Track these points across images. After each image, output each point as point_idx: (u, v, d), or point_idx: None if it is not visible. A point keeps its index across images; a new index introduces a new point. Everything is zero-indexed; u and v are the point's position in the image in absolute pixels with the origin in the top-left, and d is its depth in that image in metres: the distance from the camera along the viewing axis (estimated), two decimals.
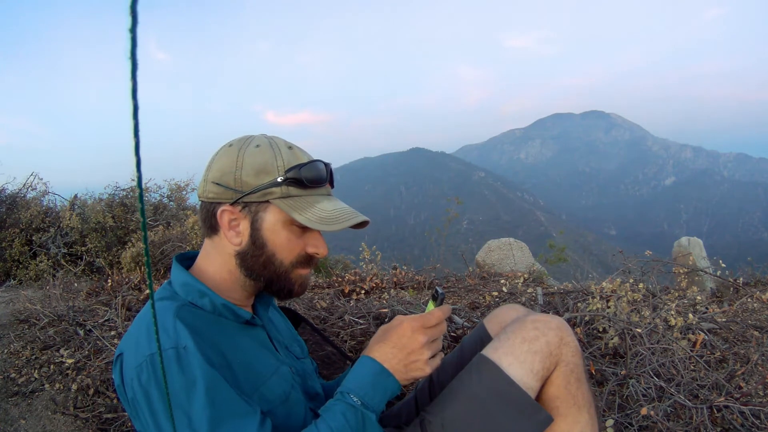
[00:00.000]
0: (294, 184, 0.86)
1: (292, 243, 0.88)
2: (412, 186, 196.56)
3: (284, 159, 0.87)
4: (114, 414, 1.72)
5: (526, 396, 0.88)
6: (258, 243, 0.87)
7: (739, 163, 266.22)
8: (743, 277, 2.89)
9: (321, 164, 0.90)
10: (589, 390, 0.98)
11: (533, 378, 0.90)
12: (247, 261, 0.88)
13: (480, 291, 2.74)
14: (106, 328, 2.34)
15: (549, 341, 0.92)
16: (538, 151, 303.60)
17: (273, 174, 0.85)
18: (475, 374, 0.92)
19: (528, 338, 0.92)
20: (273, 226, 0.86)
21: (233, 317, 0.88)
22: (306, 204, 0.86)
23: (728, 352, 1.85)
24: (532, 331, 0.93)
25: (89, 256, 4.18)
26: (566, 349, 0.94)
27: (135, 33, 0.29)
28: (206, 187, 0.88)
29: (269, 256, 0.88)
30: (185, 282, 0.87)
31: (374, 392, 0.83)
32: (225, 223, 0.86)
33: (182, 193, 5.14)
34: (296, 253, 0.89)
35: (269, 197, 0.85)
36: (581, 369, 0.96)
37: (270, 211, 0.86)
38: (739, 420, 1.45)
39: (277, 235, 0.87)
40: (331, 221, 0.85)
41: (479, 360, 0.94)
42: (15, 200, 4.70)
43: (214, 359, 0.76)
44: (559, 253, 5.37)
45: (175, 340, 0.74)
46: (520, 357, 0.90)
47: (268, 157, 0.86)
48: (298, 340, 1.10)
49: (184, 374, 0.71)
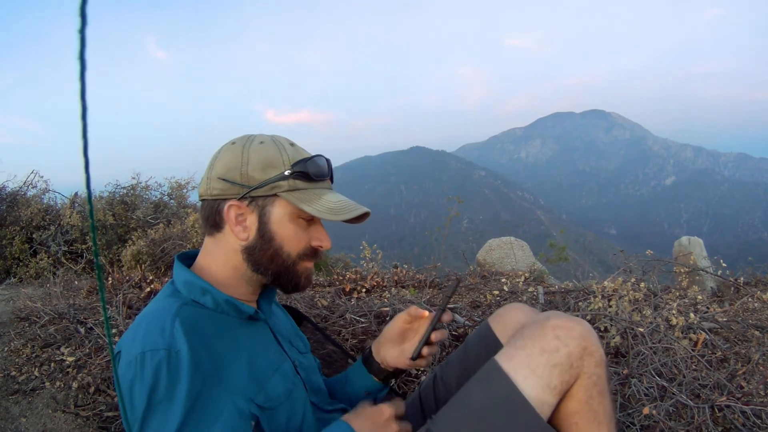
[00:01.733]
0: (300, 178, 0.88)
1: (299, 236, 0.90)
2: (413, 185, 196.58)
3: (289, 154, 0.89)
4: (115, 412, 1.72)
5: (539, 419, 0.82)
6: (266, 237, 0.88)
7: (740, 162, 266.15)
8: (744, 276, 2.89)
9: (323, 159, 0.93)
10: (611, 403, 0.91)
11: (550, 393, 0.84)
12: (255, 255, 0.89)
13: (481, 290, 2.74)
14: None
15: (571, 352, 0.85)
16: (539, 151, 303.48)
17: (280, 168, 0.87)
18: (485, 385, 0.87)
19: (548, 349, 0.85)
20: (280, 219, 0.88)
21: (236, 313, 0.88)
22: (313, 196, 0.89)
23: (729, 351, 1.85)
24: (553, 340, 0.85)
25: (90, 254, 4.18)
26: (590, 359, 0.86)
27: (84, 34, 0.30)
28: (210, 184, 0.88)
29: (277, 249, 0.89)
30: (187, 280, 0.87)
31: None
32: (232, 218, 0.87)
33: (183, 191, 5.13)
34: (303, 246, 0.91)
35: (277, 190, 0.87)
36: (604, 381, 0.89)
37: (277, 204, 0.88)
38: (740, 420, 1.45)
39: (284, 229, 0.89)
40: (339, 212, 0.88)
41: (491, 368, 0.88)
42: (15, 198, 4.69)
43: (208, 365, 0.76)
44: (559, 253, 5.37)
45: (170, 342, 0.74)
46: (537, 370, 0.84)
47: (273, 152, 0.88)
48: (300, 336, 1.10)
49: (170, 378, 0.72)
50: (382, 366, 1.09)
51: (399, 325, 1.07)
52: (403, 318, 1.06)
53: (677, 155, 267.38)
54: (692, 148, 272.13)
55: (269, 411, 0.83)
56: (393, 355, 1.07)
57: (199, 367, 0.75)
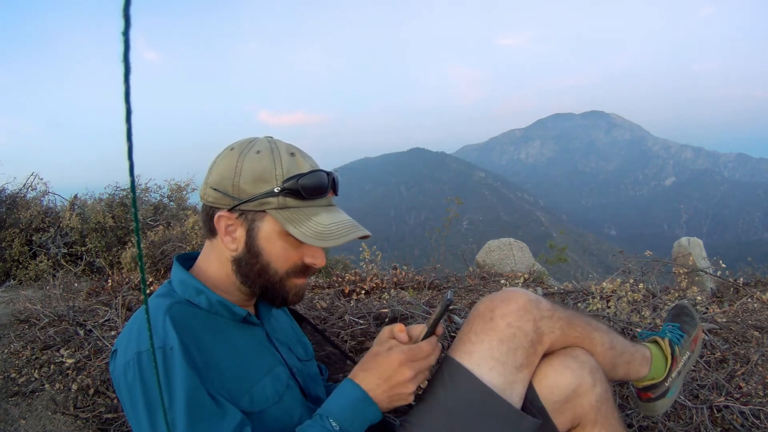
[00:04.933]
0: (291, 195, 0.84)
1: (288, 253, 0.87)
2: (413, 186, 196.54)
3: (284, 168, 0.85)
4: (114, 414, 1.72)
5: (510, 407, 0.84)
6: (253, 251, 0.86)
7: (740, 163, 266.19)
8: (743, 277, 2.89)
9: (322, 174, 0.87)
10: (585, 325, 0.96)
11: (518, 372, 0.87)
12: (242, 268, 0.88)
13: (480, 291, 2.74)
14: (106, 328, 2.34)
15: (526, 331, 0.88)
16: (539, 152, 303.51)
17: (271, 183, 0.84)
18: (450, 385, 0.86)
19: (505, 338, 0.87)
20: (268, 235, 0.85)
21: (229, 315, 0.88)
22: (303, 216, 0.85)
23: (728, 352, 1.85)
24: (506, 329, 0.87)
25: (89, 256, 4.18)
26: (545, 322, 0.90)
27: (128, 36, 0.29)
28: (206, 190, 0.88)
29: (264, 265, 0.87)
30: (182, 280, 0.88)
31: (354, 419, 0.80)
32: (222, 228, 0.86)
33: (182, 193, 5.13)
34: (292, 263, 0.88)
35: (266, 207, 0.84)
36: (563, 314, 0.93)
37: (266, 220, 0.85)
38: (739, 420, 1.45)
39: (272, 245, 0.86)
40: (327, 236, 0.83)
41: (452, 369, 0.88)
42: (15, 200, 4.69)
43: (198, 361, 0.77)
44: (559, 253, 5.36)
45: (163, 340, 0.76)
46: (501, 358, 0.86)
47: (267, 164, 0.84)
48: (303, 342, 1.08)
49: (167, 375, 0.73)
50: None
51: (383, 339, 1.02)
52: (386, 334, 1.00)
53: (677, 156, 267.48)
54: (692, 148, 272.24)
55: (256, 414, 0.82)
56: None
57: (192, 361, 0.76)
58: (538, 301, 0.91)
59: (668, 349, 1.13)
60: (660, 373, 1.11)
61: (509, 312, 0.88)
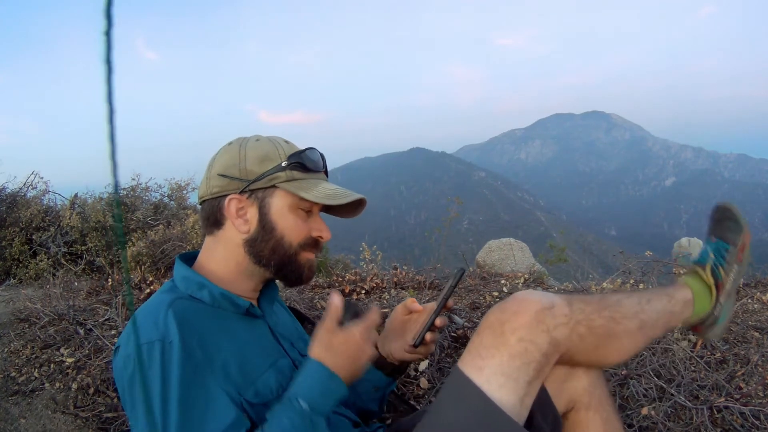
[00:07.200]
0: (297, 168, 0.91)
1: (299, 226, 0.92)
2: (413, 186, 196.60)
3: (284, 148, 0.93)
4: (114, 413, 1.72)
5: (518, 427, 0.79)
6: (267, 227, 0.90)
7: (740, 163, 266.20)
8: (743, 277, 2.89)
9: (317, 152, 0.96)
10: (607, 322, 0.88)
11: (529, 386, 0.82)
12: (257, 247, 0.91)
13: (480, 291, 2.74)
14: (106, 327, 2.34)
15: (539, 345, 0.82)
16: (539, 152, 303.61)
17: (276, 160, 0.90)
18: (458, 402, 0.82)
19: (516, 353, 0.81)
20: (280, 210, 0.90)
21: (233, 307, 0.89)
22: (311, 184, 0.92)
23: (728, 352, 1.85)
24: (517, 344, 0.82)
25: (89, 255, 4.18)
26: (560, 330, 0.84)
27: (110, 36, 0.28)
28: (210, 183, 0.91)
29: (278, 239, 0.91)
30: (185, 276, 0.90)
31: (323, 397, 0.80)
32: (233, 212, 0.89)
33: (182, 193, 5.13)
34: (303, 236, 0.93)
35: (275, 182, 0.90)
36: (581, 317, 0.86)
37: (276, 195, 0.90)
38: (739, 421, 1.45)
39: (284, 219, 0.91)
40: (337, 197, 0.90)
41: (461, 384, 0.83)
42: (15, 199, 4.69)
43: (199, 356, 0.77)
44: (559, 254, 5.37)
45: (164, 333, 0.77)
46: (513, 374, 0.81)
47: (269, 147, 0.92)
48: (304, 339, 1.09)
49: (165, 368, 0.74)
50: (388, 360, 1.09)
51: (398, 317, 1.09)
52: (401, 310, 1.09)
53: (677, 156, 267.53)
54: (692, 148, 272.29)
55: (259, 407, 0.83)
56: (397, 347, 1.07)
57: (191, 356, 0.76)
58: (553, 306, 0.85)
59: (711, 279, 1.04)
60: (705, 307, 1.04)
61: (520, 326, 0.83)
